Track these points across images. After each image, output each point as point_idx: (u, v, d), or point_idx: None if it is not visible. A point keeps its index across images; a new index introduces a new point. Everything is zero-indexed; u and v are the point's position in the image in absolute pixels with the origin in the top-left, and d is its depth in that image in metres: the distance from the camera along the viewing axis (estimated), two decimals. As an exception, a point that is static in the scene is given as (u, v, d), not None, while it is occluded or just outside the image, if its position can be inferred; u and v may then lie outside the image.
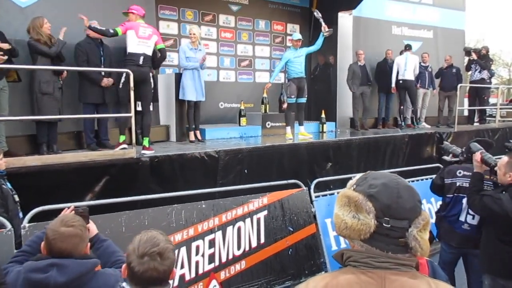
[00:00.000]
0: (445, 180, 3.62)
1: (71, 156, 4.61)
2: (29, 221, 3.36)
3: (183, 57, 6.25)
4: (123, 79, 5.24)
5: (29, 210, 3.48)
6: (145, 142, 5.28)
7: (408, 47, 8.91)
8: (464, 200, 3.44)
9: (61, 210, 3.64)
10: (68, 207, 2.41)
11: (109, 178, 4.61)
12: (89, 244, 2.15)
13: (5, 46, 4.63)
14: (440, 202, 4.32)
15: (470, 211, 3.43)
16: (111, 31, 5.16)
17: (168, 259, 1.70)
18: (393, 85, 8.83)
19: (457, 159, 3.59)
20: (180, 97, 6.34)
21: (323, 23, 7.07)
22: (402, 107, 9.04)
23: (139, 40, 5.32)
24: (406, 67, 8.70)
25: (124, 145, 5.30)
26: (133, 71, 4.85)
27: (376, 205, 1.18)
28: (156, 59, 5.73)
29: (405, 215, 1.17)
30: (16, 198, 3.65)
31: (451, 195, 3.57)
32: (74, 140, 5.59)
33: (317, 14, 7.29)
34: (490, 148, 3.44)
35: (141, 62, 5.27)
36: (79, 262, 1.99)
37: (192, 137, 6.40)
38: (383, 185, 1.20)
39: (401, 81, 8.76)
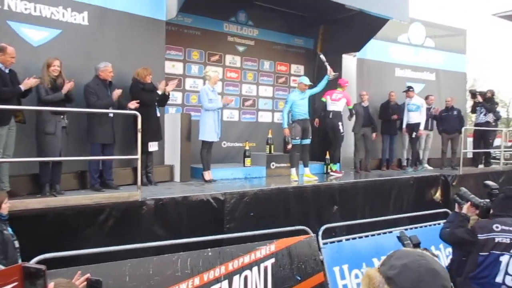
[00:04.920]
0: (479, 235, 3.12)
1: (74, 199, 4.51)
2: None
3: (206, 99, 6.23)
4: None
5: (30, 254, 3.36)
6: (334, 167, 7.79)
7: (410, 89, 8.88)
8: (503, 258, 3.03)
9: (66, 257, 3.55)
10: (81, 272, 2.24)
11: (114, 221, 4.51)
12: None
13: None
14: (450, 250, 4.08)
15: (510, 271, 3.00)
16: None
17: None
18: (404, 126, 8.84)
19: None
20: (200, 138, 6.33)
21: (328, 67, 7.18)
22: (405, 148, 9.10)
23: (331, 102, 7.81)
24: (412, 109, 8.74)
25: (337, 174, 7.71)
26: (326, 122, 7.87)
27: None
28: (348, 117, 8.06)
29: None
30: (16, 244, 3.54)
31: (486, 253, 3.07)
32: (78, 179, 5.47)
33: (322, 57, 7.41)
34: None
35: (330, 116, 7.73)
36: None
37: (207, 177, 6.37)
38: (404, 267, 1.15)
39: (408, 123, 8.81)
